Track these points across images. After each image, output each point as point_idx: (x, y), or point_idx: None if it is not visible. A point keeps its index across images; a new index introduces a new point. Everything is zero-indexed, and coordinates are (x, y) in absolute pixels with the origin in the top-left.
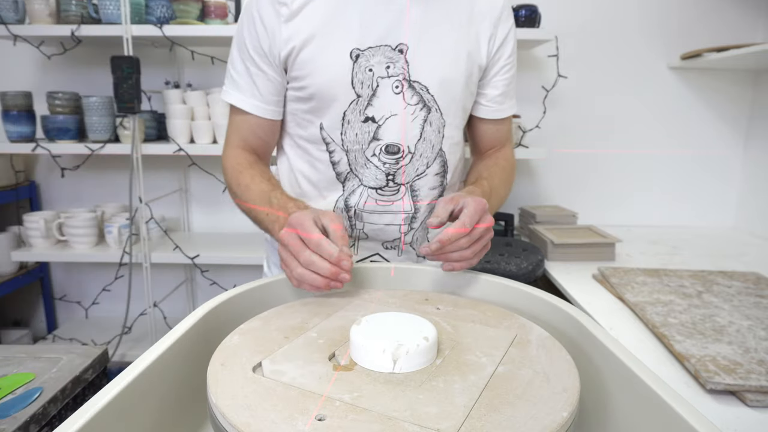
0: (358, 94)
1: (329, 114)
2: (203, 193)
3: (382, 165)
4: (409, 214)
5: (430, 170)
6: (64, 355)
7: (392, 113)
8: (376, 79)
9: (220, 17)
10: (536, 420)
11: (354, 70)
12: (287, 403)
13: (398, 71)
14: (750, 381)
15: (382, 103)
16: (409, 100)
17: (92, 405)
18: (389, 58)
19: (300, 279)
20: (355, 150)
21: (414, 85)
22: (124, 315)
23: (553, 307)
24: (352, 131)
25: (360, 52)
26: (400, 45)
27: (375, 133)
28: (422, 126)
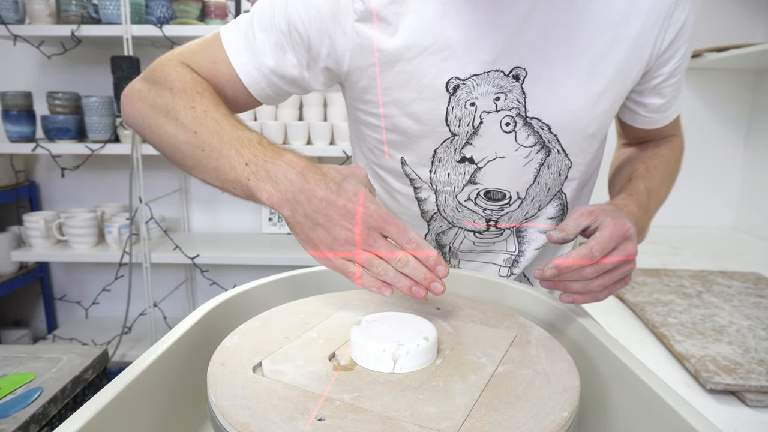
0: (453, 133)
1: (414, 151)
2: (203, 193)
3: (482, 211)
4: (512, 256)
5: (543, 212)
6: (64, 355)
7: (498, 155)
8: (480, 115)
9: (220, 17)
10: (536, 420)
11: (450, 104)
12: (287, 403)
13: (511, 104)
14: (750, 381)
15: (485, 143)
16: (523, 142)
17: (92, 405)
18: (500, 87)
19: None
20: (446, 191)
21: (531, 123)
22: (124, 315)
23: (553, 307)
24: (444, 171)
25: (460, 83)
26: (517, 69)
27: (472, 176)
28: (537, 170)
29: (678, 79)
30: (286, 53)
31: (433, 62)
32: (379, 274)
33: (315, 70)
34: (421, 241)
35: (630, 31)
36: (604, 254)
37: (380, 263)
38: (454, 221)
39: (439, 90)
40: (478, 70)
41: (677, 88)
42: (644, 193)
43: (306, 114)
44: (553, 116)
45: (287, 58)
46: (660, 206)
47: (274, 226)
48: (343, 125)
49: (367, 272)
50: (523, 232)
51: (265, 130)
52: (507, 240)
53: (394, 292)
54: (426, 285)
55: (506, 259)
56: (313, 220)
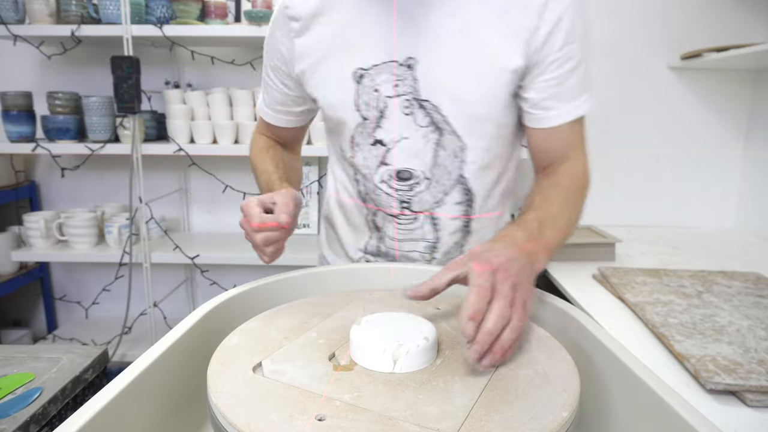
0: (363, 117)
1: (342, 136)
2: (203, 193)
3: (395, 192)
4: (431, 243)
5: (449, 198)
6: (64, 355)
7: (403, 136)
8: (384, 100)
9: (220, 17)
10: (536, 420)
11: (358, 91)
12: (287, 403)
13: (407, 90)
14: (750, 381)
15: (392, 126)
16: (420, 122)
17: (92, 405)
18: (397, 76)
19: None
20: (365, 175)
21: (425, 105)
22: (124, 315)
23: (553, 307)
24: (361, 154)
25: (364, 72)
26: (410, 60)
27: (384, 157)
28: (435, 150)
29: (563, 73)
30: (275, 83)
31: (344, 58)
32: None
33: (294, 82)
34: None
35: (508, 21)
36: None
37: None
38: (377, 204)
39: (348, 80)
40: (378, 60)
41: (561, 85)
42: (534, 221)
43: None
44: (441, 98)
45: (277, 86)
46: (566, 234)
47: None
48: None
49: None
50: (437, 219)
51: None
52: (423, 227)
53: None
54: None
55: (426, 247)
56: None
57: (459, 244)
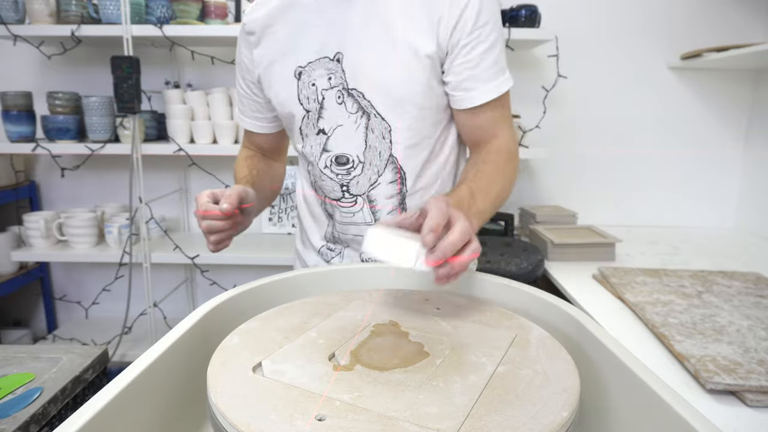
0: (306, 110)
1: (293, 130)
2: None
3: (335, 176)
4: (370, 224)
5: (383, 179)
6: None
7: (338, 124)
8: (321, 92)
9: (220, 17)
10: (536, 420)
11: (299, 87)
12: (287, 403)
13: (338, 81)
14: (750, 381)
15: (330, 115)
16: (350, 109)
17: (92, 405)
18: (329, 70)
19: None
20: (312, 163)
21: (353, 93)
22: (124, 315)
23: (553, 307)
24: (309, 143)
25: (302, 69)
26: (338, 54)
27: (325, 144)
28: (365, 134)
29: (475, 56)
30: (246, 92)
31: (287, 60)
32: None
33: (259, 90)
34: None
35: (420, 10)
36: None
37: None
38: (320, 191)
39: (290, 77)
40: (312, 58)
41: (476, 68)
42: (466, 191)
43: None
44: (365, 85)
45: (248, 94)
46: (497, 202)
47: (274, 226)
48: None
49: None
50: (374, 201)
51: None
52: (363, 210)
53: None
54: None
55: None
56: None
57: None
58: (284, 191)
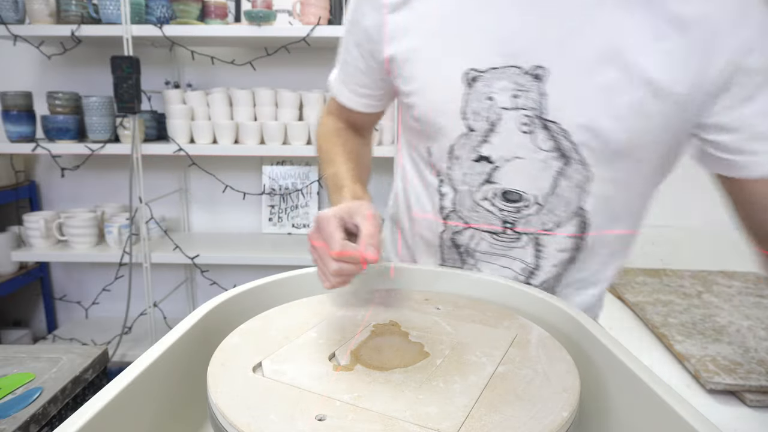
0: (470, 128)
1: (436, 143)
2: (203, 193)
3: (498, 211)
4: (528, 267)
5: (561, 230)
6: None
7: (516, 156)
8: (497, 111)
9: (220, 17)
10: (536, 420)
11: (466, 97)
12: (287, 403)
13: (529, 104)
14: (750, 381)
15: (502, 142)
16: (541, 145)
17: (92, 405)
18: (519, 85)
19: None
20: (462, 191)
21: (550, 126)
22: (124, 315)
23: (553, 307)
24: (460, 169)
25: (478, 74)
26: (538, 69)
27: (490, 175)
28: (555, 179)
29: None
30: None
31: (453, 52)
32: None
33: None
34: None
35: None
36: None
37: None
38: (469, 221)
39: (456, 80)
40: (497, 63)
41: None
42: None
43: (306, 114)
44: (572, 123)
45: (359, 66)
46: None
47: (274, 226)
48: None
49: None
50: (542, 246)
51: (265, 130)
52: (525, 248)
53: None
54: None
55: (523, 269)
56: None
57: (559, 276)
58: (284, 191)
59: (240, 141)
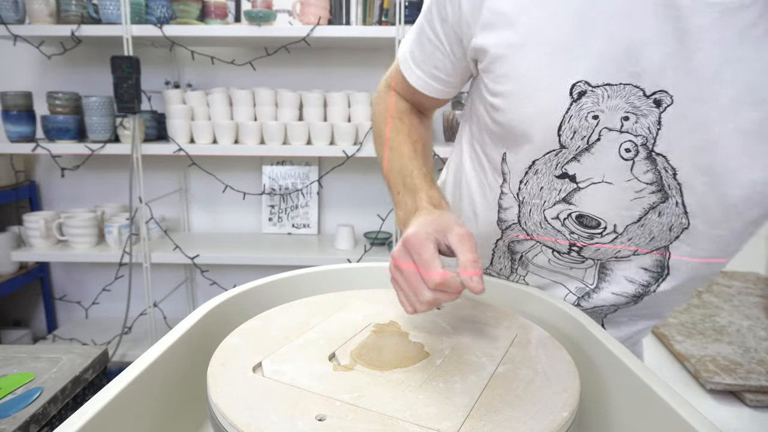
0: (562, 145)
1: (515, 153)
2: (203, 193)
3: (568, 233)
4: (587, 288)
5: (636, 259)
6: (64, 355)
7: (605, 180)
8: (599, 132)
9: (220, 17)
10: (536, 420)
11: (570, 112)
12: (287, 403)
13: (640, 130)
14: (750, 381)
15: (594, 163)
16: (640, 176)
17: (92, 405)
18: (633, 107)
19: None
20: (533, 204)
21: (656, 159)
22: (124, 315)
23: (553, 307)
24: (537, 184)
25: (588, 89)
26: (661, 93)
27: (569, 195)
28: (645, 212)
29: None
30: (441, 44)
31: (560, 59)
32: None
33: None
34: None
35: None
36: None
37: (399, 278)
38: (533, 234)
39: (561, 91)
40: (611, 79)
41: None
42: None
43: (306, 114)
44: (684, 161)
45: (442, 49)
46: None
47: (274, 226)
48: (343, 125)
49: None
50: (608, 270)
51: (265, 130)
52: (587, 270)
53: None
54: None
55: (579, 289)
56: None
57: (615, 306)
58: (284, 191)
59: (240, 141)
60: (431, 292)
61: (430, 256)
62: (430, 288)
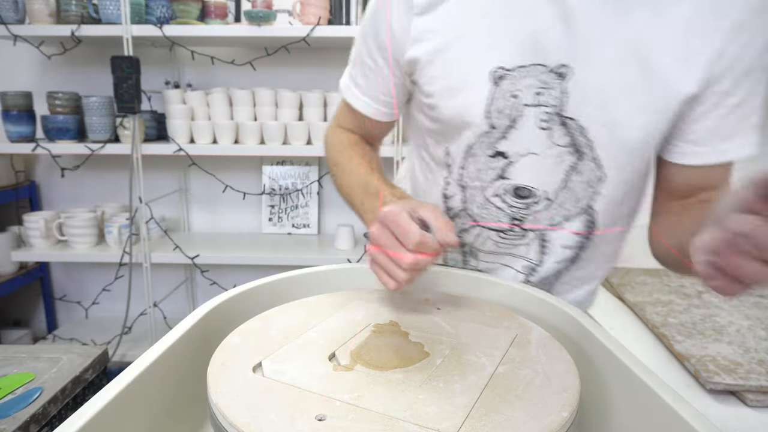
0: (491, 126)
1: (455, 144)
2: (203, 193)
3: (507, 208)
4: (531, 264)
5: (569, 225)
6: (64, 355)
7: (530, 151)
8: (520, 108)
9: (220, 17)
10: (536, 420)
11: (494, 95)
12: (287, 403)
13: (550, 101)
14: (750, 381)
15: (519, 137)
16: (557, 140)
17: (92, 405)
18: (543, 83)
19: (402, 281)
20: (474, 187)
21: (568, 123)
22: (124, 315)
23: (553, 307)
24: (475, 166)
25: (505, 73)
26: (563, 67)
27: (504, 170)
28: (568, 174)
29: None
30: (380, 68)
31: (480, 52)
32: (376, 265)
33: (400, 69)
34: (421, 240)
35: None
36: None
37: (378, 256)
38: (477, 218)
39: (483, 79)
40: (524, 61)
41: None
42: None
43: (306, 114)
44: (591, 121)
45: (383, 71)
46: None
47: (274, 226)
48: None
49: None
50: (547, 242)
51: (265, 130)
52: (529, 246)
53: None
54: (392, 280)
55: (525, 266)
56: None
57: (559, 273)
58: (284, 191)
59: (240, 141)
60: (411, 254)
61: (406, 221)
62: (410, 249)
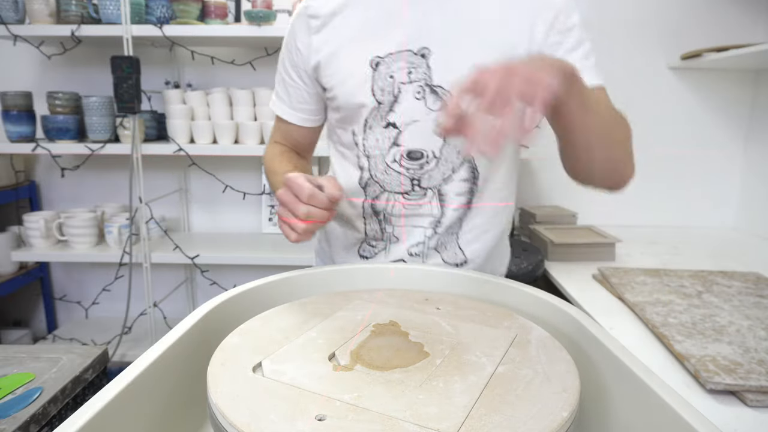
0: (379, 101)
1: (356, 123)
2: (203, 193)
3: (405, 171)
4: (436, 218)
5: (457, 175)
6: (64, 355)
7: (413, 119)
8: (398, 86)
9: (220, 17)
10: (536, 420)
11: (374, 77)
12: (287, 403)
13: (420, 77)
14: (750, 381)
15: (404, 109)
16: (431, 105)
17: (92, 405)
18: (411, 64)
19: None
20: (376, 156)
21: (437, 90)
22: (124, 315)
23: (553, 307)
24: (373, 136)
25: (380, 60)
26: (423, 49)
27: (396, 138)
28: None
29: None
30: (296, 81)
31: (358, 48)
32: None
33: (311, 79)
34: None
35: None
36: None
37: (281, 212)
38: (384, 185)
39: (363, 66)
40: (393, 49)
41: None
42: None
43: None
44: (452, 84)
45: (298, 84)
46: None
47: (274, 226)
48: None
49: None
50: (444, 195)
51: (265, 130)
52: (431, 202)
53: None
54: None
55: (431, 222)
56: None
57: (460, 220)
58: None
59: (240, 141)
60: (304, 205)
61: (302, 180)
62: (303, 201)
